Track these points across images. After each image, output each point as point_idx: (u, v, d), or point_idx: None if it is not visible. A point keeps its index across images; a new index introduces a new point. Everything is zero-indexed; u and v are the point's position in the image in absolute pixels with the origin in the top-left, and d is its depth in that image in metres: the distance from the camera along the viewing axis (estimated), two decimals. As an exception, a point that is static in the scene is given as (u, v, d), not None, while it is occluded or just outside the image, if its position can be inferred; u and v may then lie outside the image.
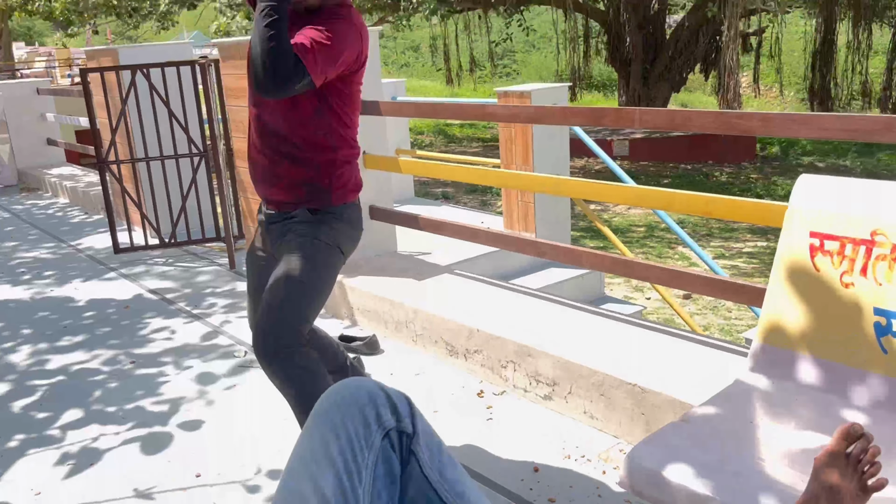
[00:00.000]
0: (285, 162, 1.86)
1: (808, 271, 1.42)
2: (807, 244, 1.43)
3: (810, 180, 1.49)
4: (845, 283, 1.37)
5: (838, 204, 1.41)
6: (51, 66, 21.07)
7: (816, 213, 1.42)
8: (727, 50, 11.55)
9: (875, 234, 1.35)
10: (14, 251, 4.63)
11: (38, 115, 6.95)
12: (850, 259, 1.36)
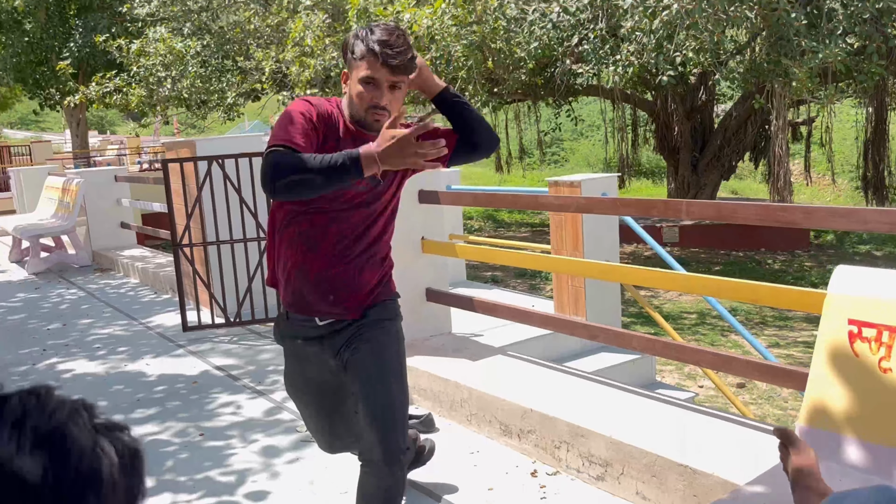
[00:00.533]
0: (374, 265, 1.82)
1: (848, 357, 1.51)
2: (846, 331, 1.53)
3: (848, 270, 1.60)
4: (883, 368, 1.46)
5: (874, 293, 1.51)
6: (121, 154, 22.33)
7: (854, 302, 1.53)
8: (776, 139, 11.66)
9: (910, 322, 1.44)
10: (90, 328, 4.90)
11: (114, 201, 7.41)
12: (886, 346, 1.45)
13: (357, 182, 1.69)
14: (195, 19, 14.58)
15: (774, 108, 11.47)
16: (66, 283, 6.47)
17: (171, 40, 13.34)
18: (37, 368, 4.07)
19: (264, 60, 12.77)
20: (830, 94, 9.59)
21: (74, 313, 5.33)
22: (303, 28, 11.12)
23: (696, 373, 6.48)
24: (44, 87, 17.79)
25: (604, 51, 9.17)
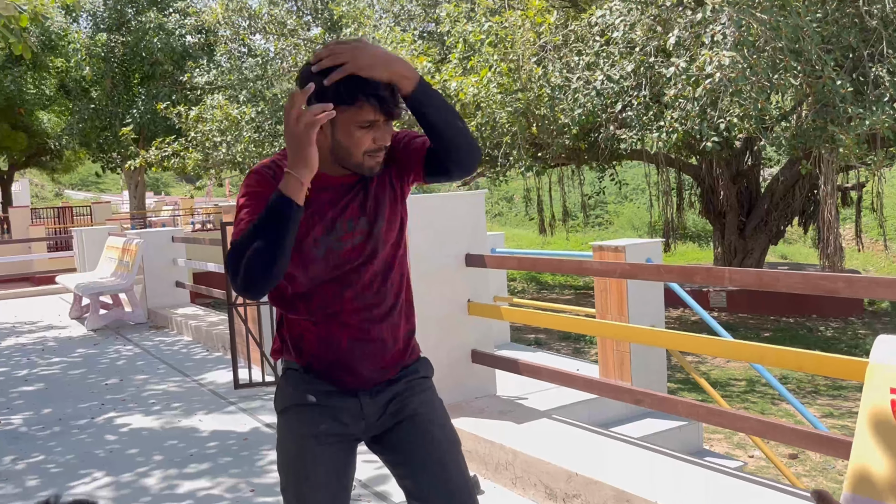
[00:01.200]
0: (405, 314, 1.67)
1: (891, 425, 1.54)
2: (888, 399, 1.56)
3: (890, 339, 1.63)
4: (927, 436, 1.48)
5: (915, 362, 1.54)
6: (175, 214, 23.13)
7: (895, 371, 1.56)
8: (825, 204, 11.55)
9: (952, 392, 1.46)
10: (145, 384, 5.06)
11: (170, 260, 7.69)
12: (929, 414, 1.48)
13: (344, 236, 1.56)
14: (251, 87, 15.23)
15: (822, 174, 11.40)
16: (123, 340, 6.69)
17: (227, 107, 13.93)
18: (95, 422, 4.22)
19: (315, 126, 13.23)
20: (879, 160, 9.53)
21: (131, 369, 5.51)
22: (354, 96, 11.53)
23: (746, 442, 6.35)
24: (106, 151, 18.68)
25: (647, 117, 9.30)
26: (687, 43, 8.32)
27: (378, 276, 1.60)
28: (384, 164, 1.57)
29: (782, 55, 8.01)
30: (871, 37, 9.13)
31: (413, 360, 1.70)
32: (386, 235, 1.61)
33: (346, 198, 1.58)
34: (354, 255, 1.58)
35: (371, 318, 1.60)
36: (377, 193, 1.60)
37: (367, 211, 1.58)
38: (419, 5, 15.15)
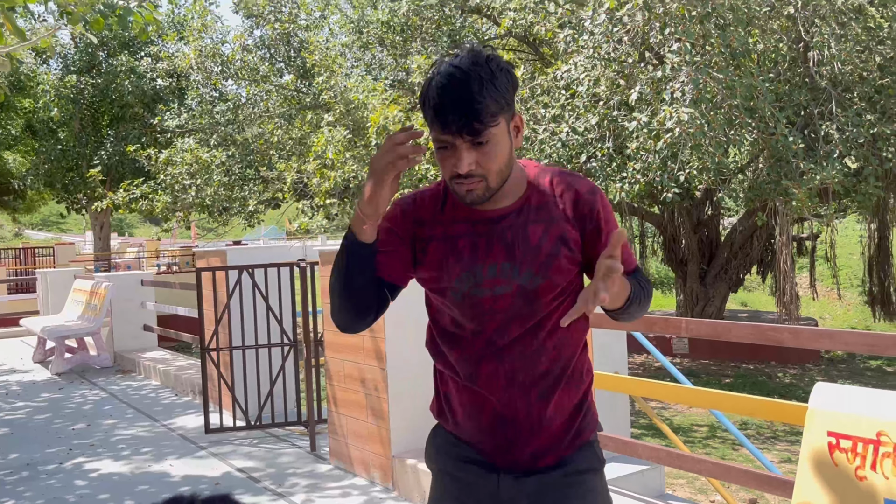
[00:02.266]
0: (565, 388, 1.41)
1: (829, 465, 1.69)
2: (825, 442, 1.71)
3: (826, 387, 1.80)
4: (859, 476, 1.64)
5: (850, 408, 1.70)
6: (140, 257, 22.90)
7: (832, 416, 1.72)
8: (780, 255, 11.94)
9: (880, 435, 1.63)
10: (114, 428, 5.05)
11: (138, 304, 7.68)
12: (861, 456, 1.64)
13: (483, 283, 1.36)
14: (222, 131, 15.34)
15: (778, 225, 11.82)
16: (89, 384, 6.65)
17: (198, 150, 14.02)
18: (64, 467, 4.21)
19: (286, 171, 13.37)
20: (830, 214, 9.95)
21: (98, 414, 5.49)
22: (325, 143, 11.72)
23: (708, 487, 6.48)
24: (72, 192, 18.53)
25: (611, 168, 9.60)
26: (648, 98, 8.69)
27: (530, 337, 1.37)
28: (568, 210, 1.37)
29: (738, 112, 8.40)
30: (821, 96, 9.62)
31: (577, 446, 1.42)
32: (541, 286, 1.36)
33: (487, 236, 1.37)
34: (498, 305, 1.37)
35: (516, 385, 1.38)
36: (537, 238, 1.37)
37: (515, 257, 1.36)
38: (390, 55, 15.51)
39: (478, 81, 1.24)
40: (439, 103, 1.25)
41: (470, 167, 1.28)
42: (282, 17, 15.10)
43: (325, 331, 4.14)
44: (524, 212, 1.37)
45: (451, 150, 1.28)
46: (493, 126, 1.26)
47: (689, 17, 8.12)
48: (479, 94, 1.24)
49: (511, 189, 1.37)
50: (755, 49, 8.96)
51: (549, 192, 1.39)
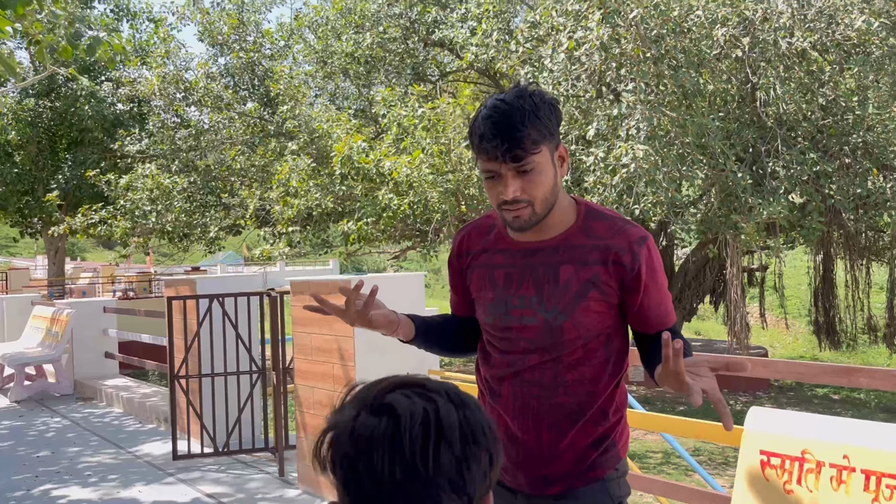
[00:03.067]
0: (582, 424, 1.46)
1: (761, 480, 1.90)
2: (758, 459, 1.92)
3: (759, 411, 2.02)
4: (787, 489, 1.85)
5: (779, 429, 1.92)
6: (94, 282, 22.54)
7: (764, 436, 1.94)
8: (731, 286, 12.37)
9: (804, 453, 1.85)
10: (79, 456, 5.07)
11: (100, 331, 7.67)
12: (789, 472, 1.85)
13: (513, 311, 1.44)
14: (183, 157, 15.33)
15: (728, 257, 12.25)
16: (49, 412, 6.62)
17: (159, 176, 13.99)
18: (32, 494, 4.24)
19: (249, 198, 13.42)
20: (776, 247, 10.40)
21: (61, 441, 5.50)
22: (289, 171, 11.83)
23: (661, 510, 6.70)
24: (27, 216, 18.24)
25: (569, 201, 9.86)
26: (605, 134, 9.04)
27: (549, 368, 1.43)
28: (607, 253, 1.42)
29: (690, 149, 8.79)
30: (768, 134, 10.09)
31: (590, 480, 1.44)
32: (565, 328, 1.42)
33: (521, 269, 1.45)
34: (524, 334, 1.44)
35: (530, 411, 1.43)
36: (566, 278, 1.42)
37: (543, 292, 1.42)
38: (354, 85, 15.73)
39: (520, 112, 1.33)
40: (485, 133, 1.34)
41: (515, 193, 1.35)
42: (246, 47, 15.23)
43: (296, 359, 4.27)
44: (560, 250, 1.44)
45: (498, 179, 1.37)
46: (535, 153, 1.34)
47: (644, 59, 8.50)
48: (522, 123, 1.32)
49: (556, 221, 1.44)
50: (706, 89, 9.38)
51: (593, 235, 1.44)
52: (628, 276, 1.42)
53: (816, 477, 1.81)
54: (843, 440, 1.83)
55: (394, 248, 17.04)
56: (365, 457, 0.74)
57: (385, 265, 38.88)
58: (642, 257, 1.42)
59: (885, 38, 9.39)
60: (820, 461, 1.83)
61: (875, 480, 1.76)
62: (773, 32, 9.16)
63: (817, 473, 1.81)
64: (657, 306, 1.46)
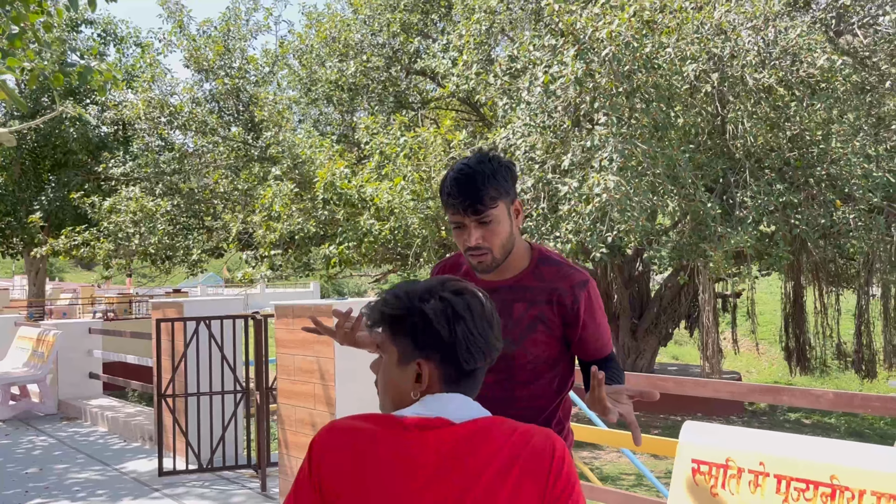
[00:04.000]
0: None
1: (692, 484, 2.17)
2: (690, 467, 2.19)
3: (692, 425, 2.29)
4: (713, 492, 2.12)
5: (707, 441, 2.19)
6: (74, 303, 22.53)
7: (694, 446, 2.20)
8: (703, 311, 12.72)
9: (728, 461, 2.12)
10: (66, 472, 5.24)
11: (85, 352, 7.83)
12: (714, 476, 2.12)
13: None
14: (167, 180, 15.52)
15: (700, 284, 12.61)
16: (35, 431, 6.75)
17: (143, 199, 14.17)
18: (22, 508, 4.41)
19: (232, 222, 13.63)
20: (745, 274, 10.75)
21: (48, 459, 5.65)
22: (272, 196, 12.07)
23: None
24: (8, 236, 18.28)
25: (545, 227, 10.21)
26: (580, 163, 9.38)
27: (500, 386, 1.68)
28: (553, 294, 1.67)
29: (661, 180, 9.14)
30: (737, 166, 10.48)
31: None
32: (516, 355, 1.67)
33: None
34: None
35: None
36: (518, 314, 1.68)
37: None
38: (337, 111, 16.04)
39: (481, 175, 1.62)
40: (451, 191, 1.62)
41: (477, 241, 1.63)
42: (231, 73, 15.51)
43: (279, 379, 4.50)
44: (514, 289, 1.72)
45: (463, 229, 1.64)
46: (493, 208, 1.62)
47: (617, 93, 8.86)
48: (482, 184, 1.61)
49: (513, 265, 1.72)
50: (677, 123, 9.75)
51: (542, 278, 1.72)
52: (569, 314, 1.70)
53: (738, 481, 2.08)
54: (759, 449, 2.10)
55: (375, 271, 17.28)
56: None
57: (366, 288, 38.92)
58: (581, 299, 1.69)
59: (847, 75, 9.82)
60: (741, 467, 2.09)
61: (785, 484, 2.03)
62: (740, 69, 9.55)
63: (738, 478, 2.08)
64: (595, 339, 1.74)
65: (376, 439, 1.16)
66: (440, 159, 11.07)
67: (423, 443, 1.15)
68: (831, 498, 1.95)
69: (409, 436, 1.16)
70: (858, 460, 1.98)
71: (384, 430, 1.17)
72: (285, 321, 4.40)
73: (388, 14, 14.65)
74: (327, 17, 16.32)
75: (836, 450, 2.05)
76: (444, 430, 1.15)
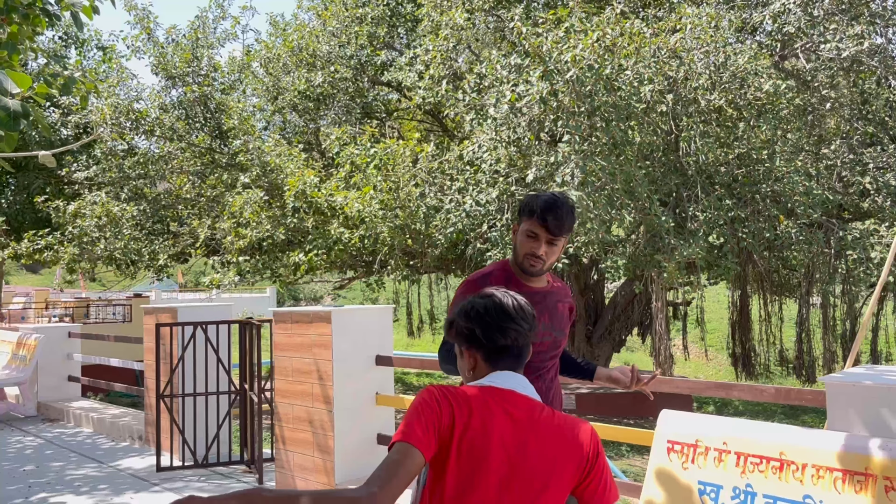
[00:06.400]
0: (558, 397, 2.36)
1: (666, 461, 2.61)
2: (665, 446, 2.63)
3: (667, 413, 2.74)
4: (685, 467, 2.56)
5: (681, 426, 2.64)
6: (27, 307, 22.19)
7: (670, 430, 2.65)
8: (656, 319, 13.32)
9: (697, 441, 2.57)
10: (64, 469, 5.47)
11: (65, 355, 7.99)
12: (686, 455, 2.57)
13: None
14: (132, 185, 15.53)
15: (653, 292, 13.22)
16: (20, 432, 6.92)
17: (108, 204, 14.19)
18: (30, 502, 4.64)
19: (199, 227, 13.76)
20: (695, 284, 11.37)
21: (42, 457, 5.86)
22: (242, 203, 12.29)
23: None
24: (-36, 239, 18.00)
25: (508, 237, 10.68)
26: (543, 178, 9.87)
27: (553, 364, 2.25)
28: (567, 299, 2.29)
29: (619, 194, 9.67)
30: (689, 181, 11.10)
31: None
32: (563, 341, 2.27)
33: (538, 305, 2.06)
34: (540, 346, 2.18)
35: (552, 395, 2.27)
36: (560, 310, 2.25)
37: (554, 319, 2.22)
38: (302, 119, 16.28)
39: (570, 209, 2.16)
40: (547, 209, 2.12)
41: (540, 251, 2.15)
42: (200, 81, 15.62)
43: (276, 379, 4.83)
44: (552, 294, 2.28)
45: (536, 239, 2.13)
46: (564, 237, 2.17)
47: (579, 112, 9.38)
48: (569, 215, 2.15)
49: (545, 277, 2.27)
50: (634, 140, 10.32)
51: (557, 289, 2.32)
52: (570, 304, 2.37)
53: (705, 457, 2.52)
54: (723, 432, 2.55)
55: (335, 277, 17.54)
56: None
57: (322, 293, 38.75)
58: (570, 296, 2.40)
59: (791, 98, 10.51)
60: (707, 446, 2.54)
61: (744, 459, 2.48)
62: (693, 90, 10.18)
63: (705, 455, 2.52)
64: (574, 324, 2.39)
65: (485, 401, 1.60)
66: (408, 170, 11.46)
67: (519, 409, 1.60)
68: (780, 469, 2.41)
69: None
70: (800, 440, 2.44)
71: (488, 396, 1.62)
72: (284, 326, 4.74)
73: (356, 27, 14.99)
74: (294, 26, 16.59)
75: (783, 432, 2.51)
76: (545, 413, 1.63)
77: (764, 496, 2.42)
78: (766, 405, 16.07)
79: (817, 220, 10.86)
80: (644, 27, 9.93)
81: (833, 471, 2.31)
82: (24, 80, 3.93)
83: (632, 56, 9.85)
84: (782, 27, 12.01)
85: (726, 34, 10.64)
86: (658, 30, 10.16)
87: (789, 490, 2.38)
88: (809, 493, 2.34)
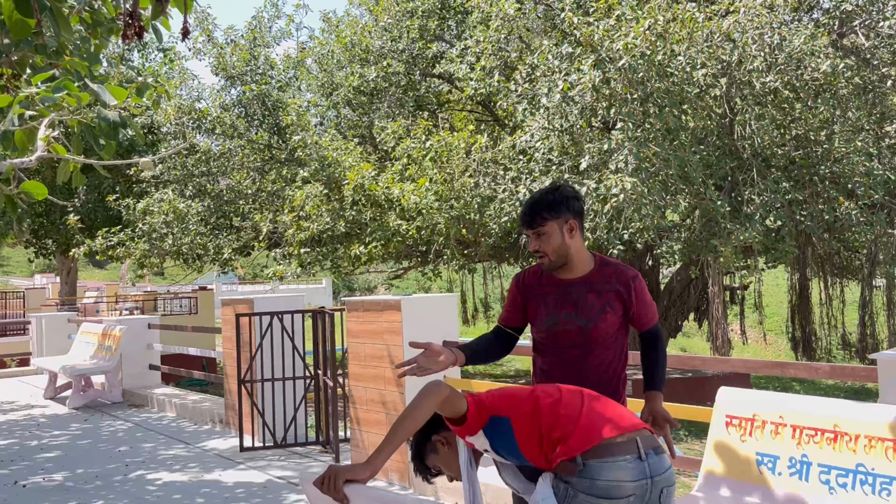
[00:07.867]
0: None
1: (725, 434, 2.80)
2: (724, 421, 2.82)
3: (725, 390, 2.92)
4: (742, 440, 2.75)
5: (738, 401, 2.83)
6: (99, 301, 23.22)
7: (729, 405, 2.84)
8: (713, 304, 13.30)
9: (755, 416, 2.75)
10: (155, 450, 5.90)
11: (145, 345, 8.49)
12: (744, 428, 2.75)
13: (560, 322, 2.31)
14: (196, 182, 16.14)
15: (710, 277, 13.19)
16: (110, 417, 7.42)
17: (175, 201, 14.81)
18: (130, 478, 5.06)
19: (261, 221, 14.25)
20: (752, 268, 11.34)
21: (133, 439, 6.31)
22: (303, 197, 12.71)
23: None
24: (41, 237, 18.96)
25: (563, 225, 10.79)
26: (596, 165, 9.98)
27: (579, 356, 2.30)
28: (614, 286, 2.29)
29: (673, 180, 9.73)
30: (745, 165, 11.05)
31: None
32: (591, 330, 2.27)
33: (564, 295, 2.29)
34: (565, 335, 2.29)
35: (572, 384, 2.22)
36: (591, 300, 2.28)
37: (578, 308, 2.28)
38: (356, 114, 16.64)
39: (539, 203, 2.30)
40: (522, 212, 2.37)
41: (534, 247, 2.31)
42: (258, 79, 16.11)
43: (350, 364, 5.14)
44: (586, 284, 2.33)
45: (529, 238, 2.32)
46: (541, 226, 2.28)
47: (632, 99, 9.46)
48: (537, 208, 2.29)
49: (580, 267, 2.33)
50: (687, 125, 10.34)
51: (605, 275, 2.35)
52: (626, 300, 2.34)
53: (762, 430, 2.71)
54: (779, 407, 2.73)
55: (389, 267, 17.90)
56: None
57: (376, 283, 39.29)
58: (634, 289, 2.34)
59: (850, 77, 10.38)
60: (764, 420, 2.72)
61: (799, 431, 2.65)
62: (747, 74, 10.13)
63: (762, 428, 2.70)
64: (643, 314, 2.40)
65: None
66: (462, 161, 11.69)
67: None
68: (834, 440, 2.58)
69: None
70: (853, 413, 2.60)
71: None
72: (356, 314, 5.04)
73: (408, 20, 15.25)
74: (346, 23, 16.94)
75: (836, 405, 2.68)
76: None
77: (819, 465, 2.59)
78: (826, 389, 15.87)
79: (879, 201, 10.71)
80: (696, 11, 9.93)
81: (884, 440, 2.48)
82: (121, 93, 4.28)
83: (684, 41, 9.86)
84: (840, 4, 11.82)
85: (782, 14, 10.54)
86: (711, 13, 10.14)
87: (843, 459, 2.55)
88: (862, 461, 2.51)
